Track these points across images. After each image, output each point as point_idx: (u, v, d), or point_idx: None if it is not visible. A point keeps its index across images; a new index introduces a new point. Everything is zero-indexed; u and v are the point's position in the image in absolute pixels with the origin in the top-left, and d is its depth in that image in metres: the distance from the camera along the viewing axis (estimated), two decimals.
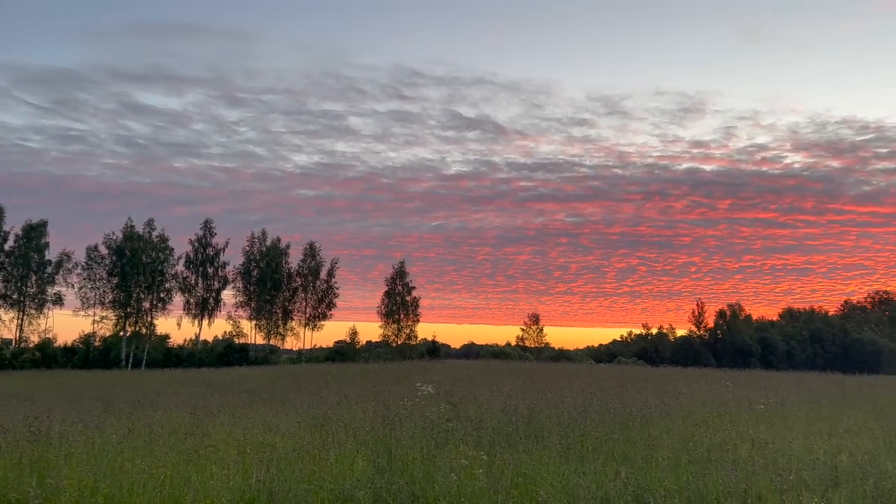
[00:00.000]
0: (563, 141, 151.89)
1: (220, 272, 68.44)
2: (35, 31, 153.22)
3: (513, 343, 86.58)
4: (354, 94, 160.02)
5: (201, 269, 67.49)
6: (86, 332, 63.16)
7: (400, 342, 72.63)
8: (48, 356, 57.60)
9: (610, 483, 7.34)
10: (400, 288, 74.38)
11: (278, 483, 7.65)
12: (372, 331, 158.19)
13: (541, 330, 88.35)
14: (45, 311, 60.85)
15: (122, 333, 61.50)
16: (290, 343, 72.81)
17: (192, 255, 67.27)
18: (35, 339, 60.24)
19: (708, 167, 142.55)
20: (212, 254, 67.97)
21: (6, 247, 59.96)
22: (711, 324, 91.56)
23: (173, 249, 65.71)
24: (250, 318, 69.89)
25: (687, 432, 11.23)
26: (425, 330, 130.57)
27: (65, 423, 11.78)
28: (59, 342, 61.93)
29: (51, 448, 9.45)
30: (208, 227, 68.16)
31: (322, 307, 72.77)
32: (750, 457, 9.13)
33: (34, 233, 60.53)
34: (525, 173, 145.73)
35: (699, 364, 67.81)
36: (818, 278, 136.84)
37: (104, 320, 61.88)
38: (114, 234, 63.12)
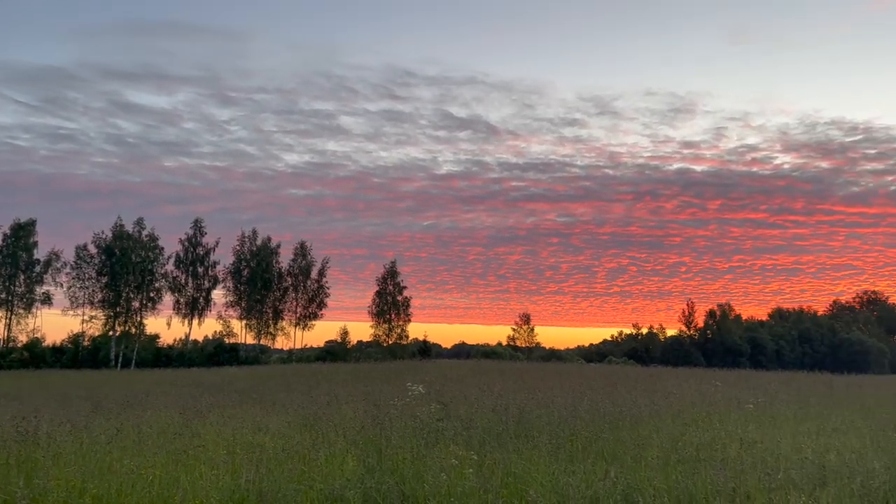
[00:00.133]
0: (555, 141, 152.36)
1: (210, 272, 68.25)
2: (24, 29, 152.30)
3: (504, 343, 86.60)
4: (346, 93, 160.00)
5: (191, 268, 67.24)
6: (75, 331, 62.93)
7: (391, 342, 72.57)
8: (36, 356, 57.22)
9: (599, 482, 7.36)
10: (391, 288, 74.32)
11: (268, 483, 7.63)
12: (363, 330, 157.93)
13: (532, 330, 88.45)
14: (34, 310, 60.61)
15: (111, 333, 61.17)
16: (281, 343, 72.75)
17: (182, 254, 67.04)
18: (23, 338, 59.92)
19: (698, 168, 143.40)
20: (202, 253, 67.74)
21: None
22: (701, 324, 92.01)
23: (163, 249, 65.59)
24: (240, 318, 69.73)
25: (676, 432, 11.28)
26: (416, 330, 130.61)
27: (53, 423, 11.72)
28: (48, 342, 61.69)
29: (38, 448, 9.39)
30: (198, 227, 67.98)
31: (313, 307, 72.67)
32: (739, 456, 9.17)
33: (23, 232, 60.14)
34: (516, 173, 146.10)
35: (689, 364, 68.11)
36: (807, 278, 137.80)
37: (93, 320, 61.64)
38: (103, 233, 62.93)
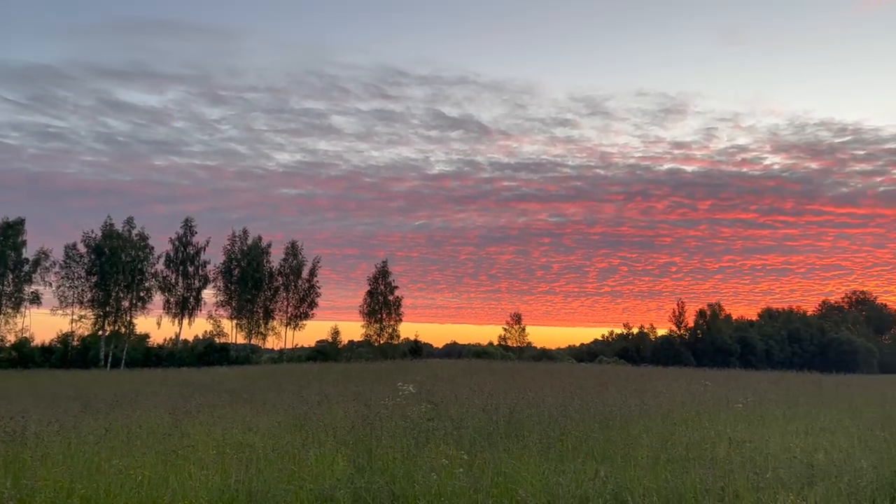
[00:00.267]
0: (546, 141, 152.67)
1: (200, 271, 68.00)
2: (13, 27, 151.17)
3: (495, 342, 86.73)
4: (337, 92, 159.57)
5: (182, 267, 66.99)
6: (64, 331, 62.51)
7: (382, 342, 72.51)
8: (25, 356, 56.85)
9: (589, 482, 7.37)
10: (382, 287, 74.27)
11: (257, 483, 7.61)
12: (354, 330, 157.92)
13: (523, 329, 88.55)
14: (22, 310, 60.04)
15: (100, 333, 60.85)
16: (272, 343, 72.63)
17: (172, 253, 66.79)
18: (11, 338, 59.40)
19: (689, 168, 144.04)
20: (192, 252, 67.50)
21: None
22: (692, 323, 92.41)
23: (153, 248, 65.31)
24: (231, 318, 69.52)
25: (666, 431, 11.31)
26: (408, 329, 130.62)
27: (41, 423, 11.64)
28: (37, 341, 61.23)
29: (26, 448, 9.33)
30: (189, 226, 67.74)
31: (304, 306, 72.53)
32: (728, 455, 9.20)
33: (11, 231, 59.64)
34: (508, 173, 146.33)
35: (679, 363, 68.40)
36: (797, 278, 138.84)
37: (82, 319, 61.27)
38: (93, 232, 62.56)
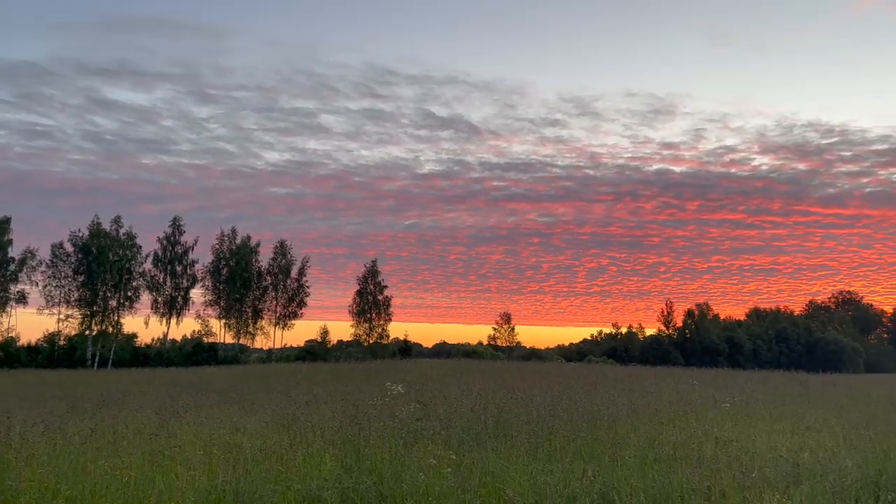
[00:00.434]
0: (536, 141, 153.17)
1: (188, 270, 67.60)
2: None
3: (484, 342, 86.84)
4: (327, 91, 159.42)
5: (170, 267, 66.59)
6: (50, 330, 61.99)
7: (371, 341, 72.39)
8: (11, 355, 56.34)
9: (577, 481, 7.38)
10: (372, 287, 74.14)
11: (245, 484, 7.58)
12: (343, 330, 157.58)
13: (512, 329, 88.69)
14: (8, 309, 59.48)
15: (87, 332, 60.41)
16: (260, 342, 72.32)
17: (160, 253, 66.37)
18: None
19: (677, 168, 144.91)
20: (180, 252, 67.10)
21: None
22: (680, 323, 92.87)
23: (141, 247, 64.81)
24: (219, 317, 69.19)
25: (653, 431, 11.35)
26: (397, 329, 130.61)
27: (26, 423, 11.55)
28: (23, 341, 60.69)
29: (10, 449, 9.24)
30: (177, 225, 67.34)
31: (293, 306, 72.30)
32: (714, 454, 9.25)
33: None
34: (498, 173, 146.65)
35: (668, 363, 68.70)
36: (784, 279, 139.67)
37: (69, 319, 60.78)
38: (80, 231, 62.00)
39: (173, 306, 66.17)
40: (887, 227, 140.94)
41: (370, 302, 73.52)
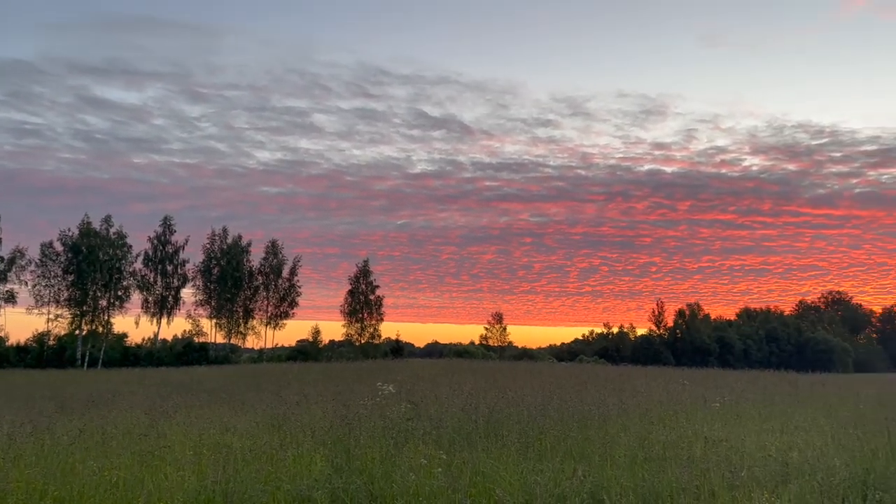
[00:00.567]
0: (528, 141, 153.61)
1: (179, 270, 67.39)
2: None
3: (476, 342, 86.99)
4: (319, 90, 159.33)
5: (160, 266, 66.33)
6: (39, 330, 61.62)
7: (363, 341, 72.33)
8: None
9: (567, 481, 7.39)
10: (364, 287, 74.09)
11: (234, 484, 7.55)
12: (335, 330, 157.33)
13: (504, 329, 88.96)
14: None
15: (77, 332, 60.08)
16: (252, 342, 72.19)
17: (150, 252, 66.12)
18: None
19: (669, 169, 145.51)
20: (171, 251, 66.87)
21: None
22: (671, 323, 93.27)
23: (131, 247, 64.54)
24: (210, 317, 69.02)
25: (643, 430, 11.38)
26: (389, 329, 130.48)
27: (14, 424, 11.48)
28: (12, 341, 60.32)
29: None
30: (168, 224, 67.09)
31: (284, 306, 72.16)
32: (704, 454, 9.28)
33: None
34: (490, 173, 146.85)
35: (659, 363, 68.93)
36: (774, 279, 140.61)
37: (59, 319, 60.45)
38: (70, 230, 61.66)
39: (164, 306, 65.92)
40: (876, 228, 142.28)
41: (362, 302, 73.47)
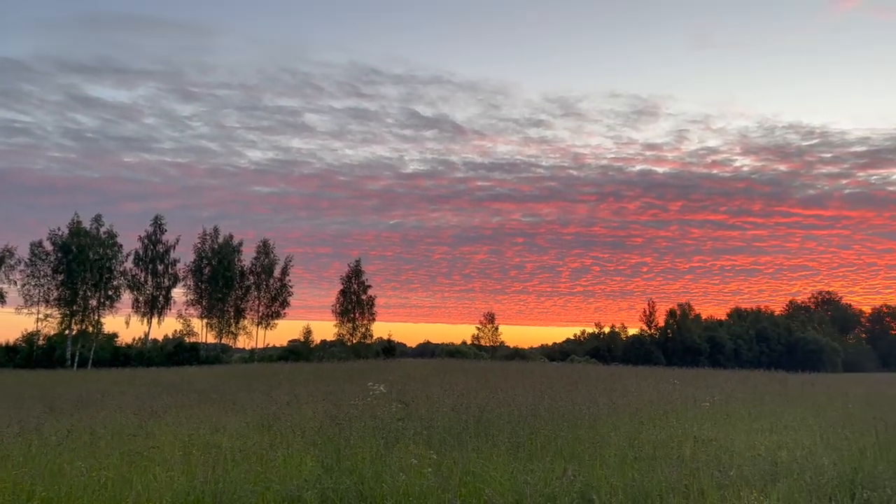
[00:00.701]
0: (520, 141, 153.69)
1: (170, 270, 67.15)
2: None
3: (468, 342, 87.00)
4: (311, 90, 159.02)
5: (151, 266, 66.05)
6: (29, 330, 61.29)
7: (355, 341, 72.26)
8: None
9: (557, 481, 7.40)
10: (356, 286, 74.00)
11: (224, 484, 7.52)
12: (327, 330, 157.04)
13: (496, 329, 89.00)
14: None
15: (67, 332, 59.74)
16: (243, 342, 71.99)
17: (141, 251, 65.84)
18: None
19: (660, 169, 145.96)
20: (162, 251, 66.60)
21: None
22: (662, 323, 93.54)
23: (122, 246, 64.31)
24: (201, 317, 68.80)
25: (633, 430, 11.40)
26: (381, 329, 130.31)
27: (1, 424, 11.40)
28: (0, 341, 60.01)
29: None
30: (158, 224, 66.79)
31: (275, 306, 71.97)
32: (694, 454, 9.30)
33: None
34: (482, 173, 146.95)
35: (650, 362, 69.13)
36: (765, 279, 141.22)
37: (48, 318, 60.11)
38: (59, 229, 61.37)
39: (154, 306, 65.64)
40: (866, 228, 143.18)
41: (354, 302, 73.39)
